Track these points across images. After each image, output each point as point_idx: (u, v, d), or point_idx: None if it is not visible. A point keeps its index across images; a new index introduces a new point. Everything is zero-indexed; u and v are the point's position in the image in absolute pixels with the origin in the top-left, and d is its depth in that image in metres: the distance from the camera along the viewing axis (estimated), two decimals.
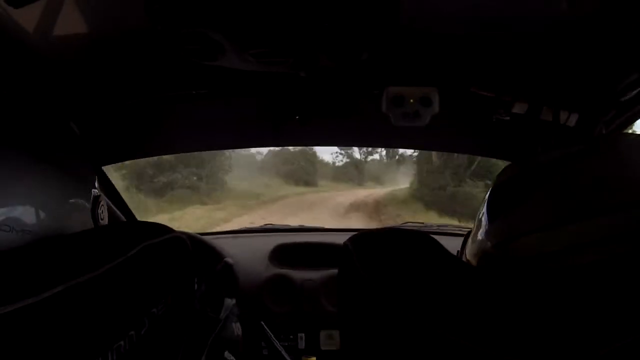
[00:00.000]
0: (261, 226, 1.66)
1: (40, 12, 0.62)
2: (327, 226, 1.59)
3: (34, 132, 0.49)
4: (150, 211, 7.91)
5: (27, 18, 0.63)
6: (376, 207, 10.17)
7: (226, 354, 0.72)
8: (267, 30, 0.59)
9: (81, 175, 0.55)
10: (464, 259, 0.57)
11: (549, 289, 0.38)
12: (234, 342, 0.75)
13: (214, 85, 0.88)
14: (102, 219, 0.57)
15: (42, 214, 0.46)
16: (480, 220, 0.50)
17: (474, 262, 0.52)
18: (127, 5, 0.62)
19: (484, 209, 0.49)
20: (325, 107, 0.88)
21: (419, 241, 0.46)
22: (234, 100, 0.97)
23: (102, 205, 0.57)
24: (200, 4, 0.54)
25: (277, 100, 0.88)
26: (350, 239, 0.48)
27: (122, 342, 0.41)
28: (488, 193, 0.51)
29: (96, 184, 0.57)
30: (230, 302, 0.77)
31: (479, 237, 0.49)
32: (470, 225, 0.61)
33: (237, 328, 0.78)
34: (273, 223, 1.71)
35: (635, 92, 0.76)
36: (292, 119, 0.90)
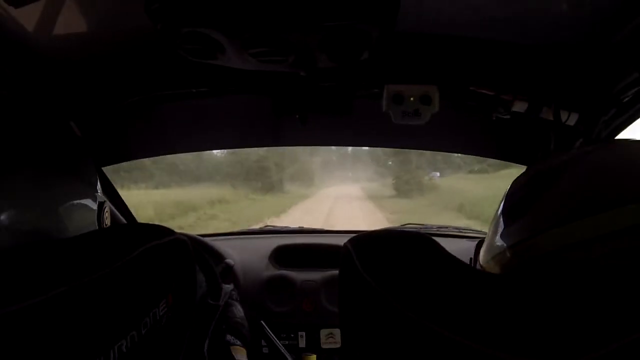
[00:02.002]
0: (261, 227, 1.66)
1: (41, 12, 0.62)
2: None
3: (35, 132, 0.49)
4: None
5: (28, 18, 0.63)
6: None
7: (228, 336, 0.71)
8: (267, 29, 0.59)
9: (84, 176, 0.55)
10: (477, 266, 0.57)
11: (554, 286, 0.38)
12: (238, 324, 0.74)
13: (214, 84, 0.88)
14: (106, 225, 0.58)
15: (45, 215, 0.46)
16: (495, 227, 0.51)
17: (488, 267, 0.52)
18: (127, 4, 0.62)
19: (499, 215, 0.50)
20: (325, 105, 0.88)
21: (419, 242, 0.46)
22: (234, 100, 0.97)
23: (107, 210, 0.58)
24: (200, 3, 0.54)
25: (277, 99, 0.88)
26: (350, 241, 0.48)
27: (123, 342, 0.41)
28: (502, 200, 0.52)
29: (99, 188, 0.57)
30: (228, 287, 0.76)
31: (495, 242, 0.50)
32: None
33: (238, 310, 0.77)
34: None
35: (635, 91, 0.76)
36: (292, 117, 0.90)
